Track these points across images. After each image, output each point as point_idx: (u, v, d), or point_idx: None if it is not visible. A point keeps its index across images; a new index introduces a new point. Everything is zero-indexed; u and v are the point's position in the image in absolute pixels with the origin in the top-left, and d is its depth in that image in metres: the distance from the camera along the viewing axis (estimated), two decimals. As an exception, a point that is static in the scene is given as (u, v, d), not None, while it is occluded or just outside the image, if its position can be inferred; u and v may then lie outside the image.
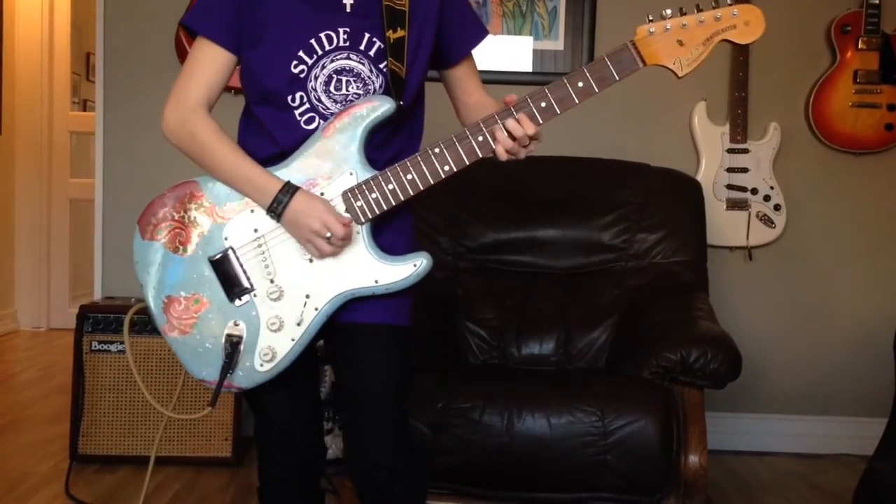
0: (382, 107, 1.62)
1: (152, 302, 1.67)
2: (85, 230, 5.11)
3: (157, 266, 1.66)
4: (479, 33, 1.79)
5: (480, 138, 1.61)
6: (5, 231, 5.43)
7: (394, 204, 1.62)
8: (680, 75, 1.61)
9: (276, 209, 1.60)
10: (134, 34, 3.43)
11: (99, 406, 3.07)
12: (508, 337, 2.90)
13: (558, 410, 2.30)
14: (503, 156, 1.62)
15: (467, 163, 1.62)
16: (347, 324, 1.66)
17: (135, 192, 3.42)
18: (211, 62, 1.65)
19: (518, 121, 1.59)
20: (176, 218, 1.66)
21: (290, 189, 1.60)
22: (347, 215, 1.62)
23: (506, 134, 1.60)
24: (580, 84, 1.60)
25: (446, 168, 1.62)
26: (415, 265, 1.63)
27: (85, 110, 6.08)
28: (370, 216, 1.62)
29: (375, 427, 1.67)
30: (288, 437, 1.77)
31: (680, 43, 1.59)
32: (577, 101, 1.61)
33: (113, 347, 3.08)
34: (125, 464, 3.05)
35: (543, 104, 1.60)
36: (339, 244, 1.60)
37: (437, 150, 1.62)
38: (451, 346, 2.87)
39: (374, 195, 1.61)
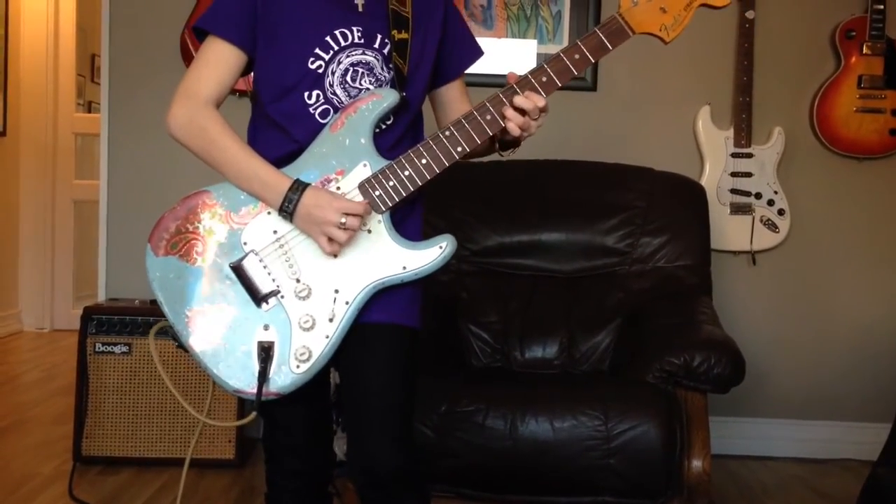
0: (387, 99, 1.63)
1: (174, 318, 1.62)
2: (89, 231, 5.11)
3: (176, 281, 1.62)
4: (476, 53, 1.83)
5: (489, 117, 1.63)
6: (10, 232, 5.44)
7: (411, 189, 1.63)
8: (667, 41, 1.68)
9: (288, 208, 1.59)
10: (139, 36, 3.44)
11: (103, 407, 3.07)
12: (512, 340, 2.90)
13: (562, 414, 2.30)
14: (515, 131, 1.64)
15: (478, 142, 1.64)
16: (359, 324, 1.65)
17: (139, 193, 3.42)
18: (223, 60, 1.65)
19: (525, 97, 1.62)
20: (190, 230, 1.63)
21: (299, 186, 1.59)
22: (364, 199, 1.61)
23: (514, 111, 1.62)
24: (576, 56, 1.65)
25: (458, 149, 1.63)
26: (440, 247, 1.64)
27: (90, 112, 6.09)
28: (390, 204, 1.62)
29: (378, 426, 1.65)
30: (295, 442, 1.77)
31: (663, 10, 1.66)
32: (575, 72, 1.65)
33: (117, 349, 3.08)
34: (128, 465, 3.06)
35: (545, 78, 1.65)
36: (357, 226, 1.59)
37: (447, 133, 1.63)
38: (455, 350, 2.87)
39: (391, 183, 1.62)
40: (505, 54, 3.43)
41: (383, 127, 1.67)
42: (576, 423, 2.29)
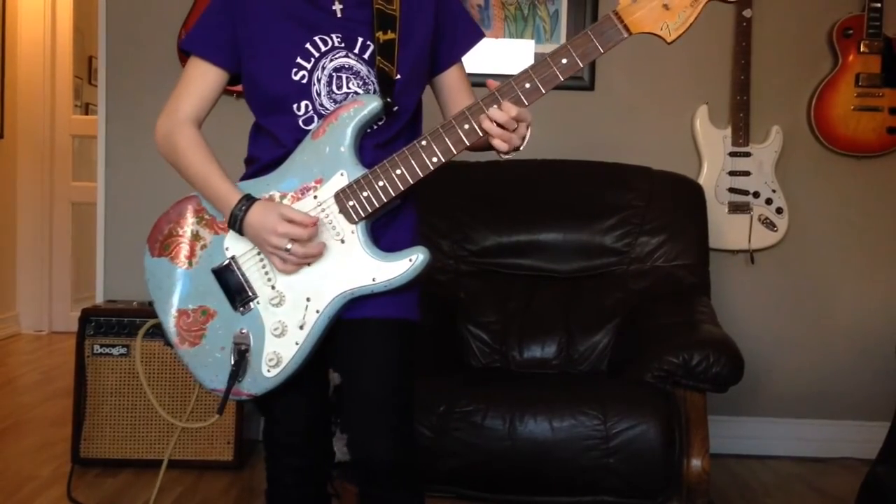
0: (369, 105, 1.61)
1: (163, 317, 1.70)
2: (87, 233, 5.10)
3: (167, 281, 1.70)
4: (473, 37, 1.78)
5: (466, 126, 1.59)
6: (7, 234, 5.43)
7: (385, 200, 1.61)
8: (668, 41, 1.56)
9: (234, 225, 1.62)
10: (136, 38, 3.43)
11: (101, 409, 3.07)
12: (510, 340, 2.90)
13: (560, 414, 2.30)
14: (501, 147, 1.59)
15: (455, 153, 1.60)
16: (351, 319, 1.66)
17: (137, 195, 3.42)
18: (202, 78, 1.69)
19: (500, 107, 1.56)
20: (180, 233, 1.70)
21: (244, 204, 1.61)
22: (313, 216, 1.60)
23: (492, 123, 1.56)
24: (564, 61, 1.57)
25: (434, 160, 1.60)
26: (410, 260, 1.62)
27: (87, 114, 6.08)
28: (363, 214, 1.61)
29: (374, 419, 1.65)
30: (294, 440, 1.77)
31: (666, 7, 1.54)
32: (562, 79, 1.58)
33: (115, 351, 3.08)
34: (127, 467, 3.05)
35: (528, 85, 1.58)
36: (301, 252, 1.58)
37: (423, 143, 1.59)
38: (453, 350, 2.87)
39: (365, 193, 1.60)
40: (502, 54, 3.43)
41: (374, 127, 1.66)
42: (575, 422, 2.29)
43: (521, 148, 1.65)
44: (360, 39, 1.65)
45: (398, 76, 1.65)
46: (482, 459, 2.31)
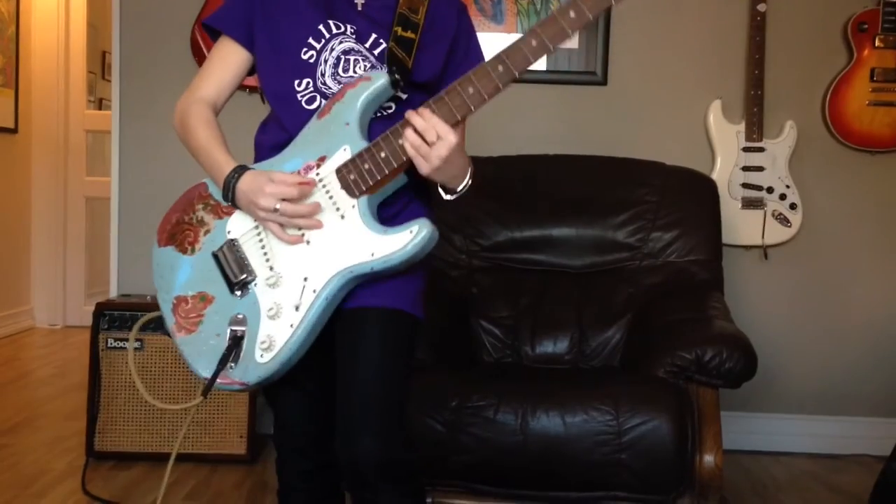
0: (377, 81, 1.58)
1: (164, 306, 1.69)
2: (101, 228, 5.12)
3: (170, 270, 1.68)
4: None
5: (471, 90, 1.53)
6: (22, 229, 5.46)
7: (387, 172, 1.56)
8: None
9: (227, 195, 1.61)
10: (150, 33, 3.44)
11: (115, 403, 3.09)
12: (523, 335, 2.90)
13: (573, 409, 2.30)
14: (415, 158, 1.53)
15: (458, 118, 1.53)
16: (349, 309, 1.61)
17: (151, 190, 3.43)
18: (223, 59, 1.70)
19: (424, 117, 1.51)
20: (186, 220, 1.69)
21: (237, 171, 1.59)
22: (311, 177, 1.58)
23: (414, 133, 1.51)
24: (572, 14, 1.51)
25: None
26: (411, 232, 1.53)
27: (101, 109, 6.11)
28: (363, 188, 1.57)
29: (363, 415, 1.58)
30: (301, 441, 1.76)
31: None
32: (570, 34, 1.53)
33: (129, 345, 3.09)
34: (141, 460, 3.07)
35: (535, 42, 1.53)
36: (291, 211, 1.54)
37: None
38: (466, 345, 2.87)
39: (366, 166, 1.56)
40: (515, 49, 3.42)
41: (384, 113, 1.64)
42: (587, 418, 2.29)
43: (437, 170, 1.55)
44: (374, 36, 1.64)
45: (413, 71, 1.63)
46: (494, 454, 2.31)
